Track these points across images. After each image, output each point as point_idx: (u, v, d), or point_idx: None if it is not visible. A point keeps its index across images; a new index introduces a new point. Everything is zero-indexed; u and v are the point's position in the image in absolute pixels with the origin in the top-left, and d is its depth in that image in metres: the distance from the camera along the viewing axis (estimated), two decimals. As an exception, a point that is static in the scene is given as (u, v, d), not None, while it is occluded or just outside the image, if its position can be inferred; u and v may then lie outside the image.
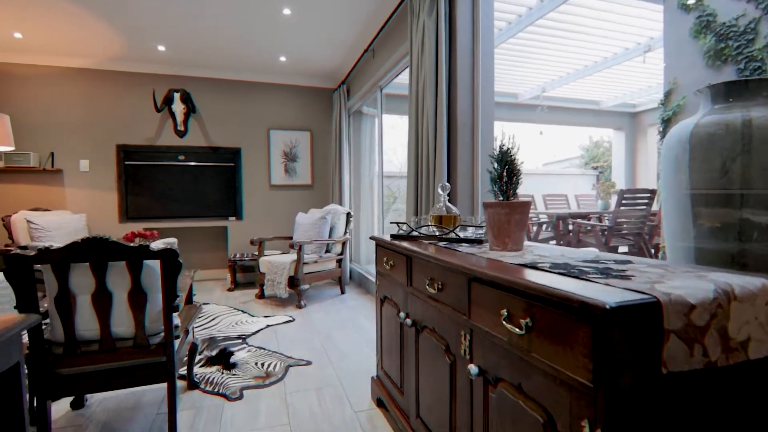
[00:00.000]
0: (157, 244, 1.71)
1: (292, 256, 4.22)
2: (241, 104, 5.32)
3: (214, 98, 5.22)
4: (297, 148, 5.54)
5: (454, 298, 1.30)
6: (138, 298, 1.68)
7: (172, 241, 1.75)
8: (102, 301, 1.64)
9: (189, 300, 2.29)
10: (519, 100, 7.05)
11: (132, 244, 1.60)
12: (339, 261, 4.57)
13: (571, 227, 5.11)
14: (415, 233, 1.89)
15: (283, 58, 4.77)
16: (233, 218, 5.32)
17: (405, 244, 1.73)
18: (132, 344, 1.72)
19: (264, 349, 2.92)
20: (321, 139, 5.67)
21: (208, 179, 5.22)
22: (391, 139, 7.08)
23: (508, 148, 1.44)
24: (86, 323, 1.67)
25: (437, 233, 1.83)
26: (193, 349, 2.30)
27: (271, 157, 5.43)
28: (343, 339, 3.14)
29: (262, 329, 3.39)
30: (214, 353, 2.74)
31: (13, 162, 4.46)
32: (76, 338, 1.66)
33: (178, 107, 4.93)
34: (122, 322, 1.71)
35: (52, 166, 4.71)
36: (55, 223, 4.23)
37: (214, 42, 4.29)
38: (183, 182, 5.13)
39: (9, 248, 4.05)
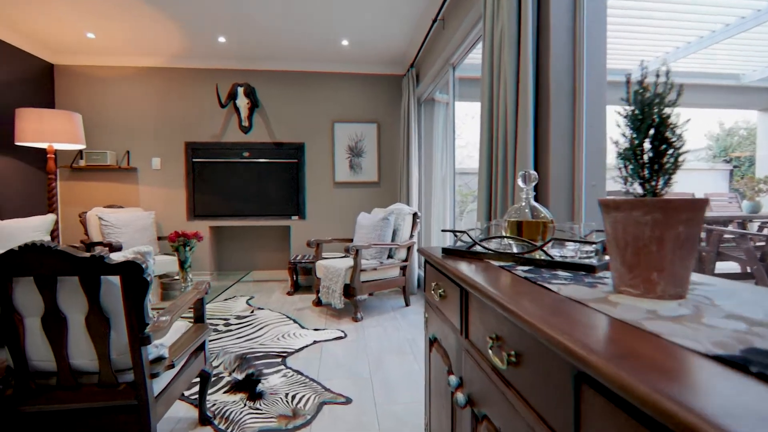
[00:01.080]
0: (123, 254, 1.29)
1: (350, 261, 3.74)
2: (305, 97, 5.01)
3: (278, 92, 4.97)
4: (363, 142, 5.08)
5: (541, 397, 0.65)
6: (98, 324, 1.27)
7: (145, 250, 1.32)
8: (54, 325, 1.26)
9: (201, 319, 1.89)
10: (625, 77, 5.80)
11: (83, 254, 1.19)
12: (403, 268, 4.00)
13: (704, 238, 3.93)
14: (478, 248, 1.24)
15: (345, 42, 4.33)
16: (296, 217, 5.03)
17: (461, 265, 1.10)
18: (98, 381, 1.33)
19: (301, 374, 2.46)
20: (389, 131, 5.14)
21: (271, 177, 5.00)
22: (469, 131, 6.32)
23: (658, 95, 0.73)
24: (40, 352, 1.30)
25: (515, 250, 1.16)
26: (205, 378, 1.89)
27: (335, 152, 5.04)
28: (397, 368, 2.55)
29: (307, 346, 2.95)
30: (242, 377, 2.34)
31: (92, 160, 4.63)
32: (28, 369, 1.30)
33: (242, 102, 4.76)
34: (84, 353, 1.32)
35: (128, 164, 4.83)
36: (124, 220, 4.27)
37: (273, 27, 3.99)
38: (247, 180, 4.97)
39: (84, 243, 4.17)
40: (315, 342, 3.03)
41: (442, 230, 1.44)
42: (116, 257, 1.26)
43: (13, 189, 4.13)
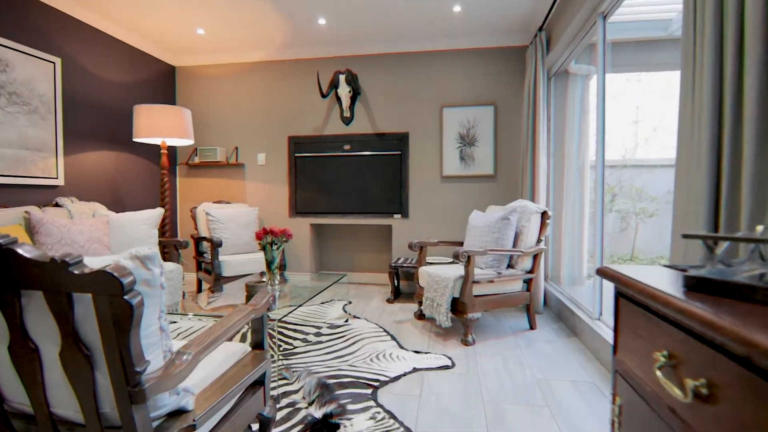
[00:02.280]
0: (113, 258, 0.83)
1: (460, 269, 3.06)
2: (409, 81, 4.46)
3: (380, 77, 4.51)
4: (476, 129, 4.34)
5: None
6: (76, 363, 0.83)
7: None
8: (24, 359, 0.86)
9: (260, 344, 1.42)
10: None
11: (41, 257, 0.75)
12: (528, 282, 3.18)
13: None
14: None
15: (457, 8, 3.65)
16: (398, 216, 4.51)
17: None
18: (88, 442, 0.90)
19: (394, 418, 1.87)
20: (508, 115, 4.31)
21: (372, 171, 4.56)
22: (611, 113, 5.10)
23: None
24: (15, 390, 0.92)
25: None
26: (265, 424, 1.42)
27: (443, 141, 4.39)
28: (527, 429, 1.80)
29: (406, 374, 2.36)
30: (320, 414, 1.84)
31: (205, 157, 4.73)
32: (3, 410, 0.93)
33: (344, 90, 4.40)
34: (67, 401, 0.90)
35: (236, 160, 4.84)
36: (229, 216, 4.22)
37: (375, 2, 3.51)
38: (347, 174, 4.61)
39: (193, 238, 4.21)
40: (415, 370, 2.42)
41: (684, 236, 0.69)
42: (103, 262, 0.81)
43: (134, 184, 4.36)
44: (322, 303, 3.92)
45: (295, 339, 2.92)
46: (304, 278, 3.54)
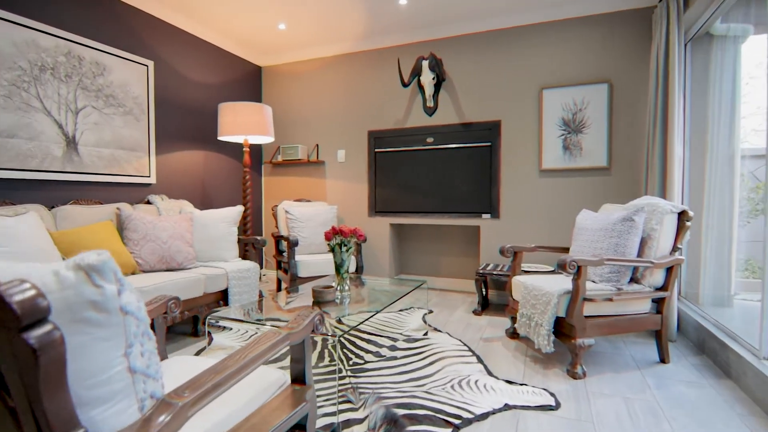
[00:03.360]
0: (33, 269, 0.55)
1: (566, 282, 2.49)
2: (502, 61, 3.90)
3: (467, 60, 4.03)
4: (584, 113, 3.64)
5: None
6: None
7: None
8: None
9: (300, 378, 1.10)
10: None
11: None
12: (658, 301, 2.48)
13: None
14: None
15: (563, -34, 3.04)
16: (487, 216, 3.99)
17: None
18: None
19: (480, 478, 1.43)
20: (627, 94, 3.54)
21: (457, 165, 4.10)
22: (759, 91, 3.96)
23: None
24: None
25: None
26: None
27: (543, 129, 3.77)
28: None
29: (495, 411, 1.90)
30: (384, 461, 1.47)
31: (287, 155, 4.69)
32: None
33: (427, 78, 4.01)
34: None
35: (317, 157, 4.73)
36: (307, 214, 4.09)
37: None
38: (430, 170, 4.21)
39: (273, 236, 4.17)
40: (507, 407, 1.94)
41: None
42: (15, 273, 0.53)
43: (221, 182, 4.45)
44: (400, 311, 3.57)
45: (367, 352, 2.60)
46: (383, 282, 3.23)
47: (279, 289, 4.10)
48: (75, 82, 3.00)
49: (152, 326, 1.29)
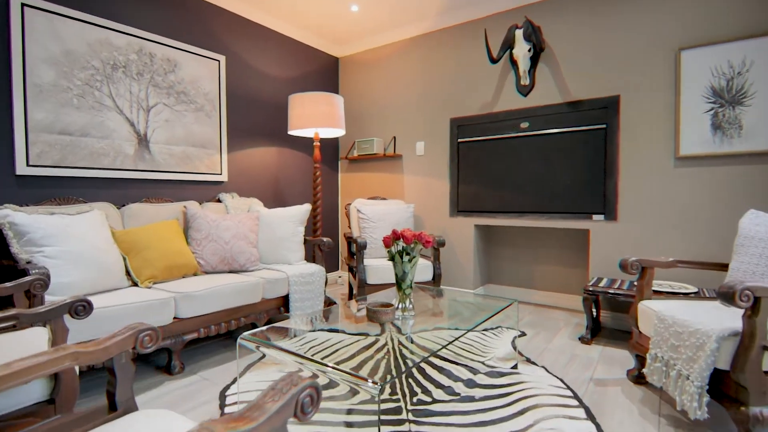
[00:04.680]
0: None
1: (729, 317, 1.70)
2: (618, 20, 3.06)
3: (571, 24, 3.25)
4: (746, 77, 2.65)
5: None
6: None
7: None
8: None
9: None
10: None
11: None
12: None
13: None
14: None
15: None
16: (599, 217, 3.18)
17: None
18: None
19: None
20: (821, 44, 2.47)
21: (561, 154, 3.34)
22: None
23: None
24: None
25: None
26: None
27: (680, 103, 2.85)
28: None
29: None
30: None
31: (362, 150, 4.35)
32: None
33: (521, 50, 3.33)
34: None
35: (394, 151, 4.32)
36: (380, 213, 3.70)
37: None
38: (525, 161, 3.51)
39: (345, 237, 3.85)
40: (637, 507, 1.29)
41: None
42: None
43: (294, 180, 4.26)
44: (485, 330, 2.99)
45: (438, 385, 2.10)
46: (465, 294, 2.69)
47: (350, 296, 3.78)
48: (146, 80, 2.98)
49: (111, 370, 0.96)
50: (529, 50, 3.31)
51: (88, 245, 2.22)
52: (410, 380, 2.14)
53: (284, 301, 2.91)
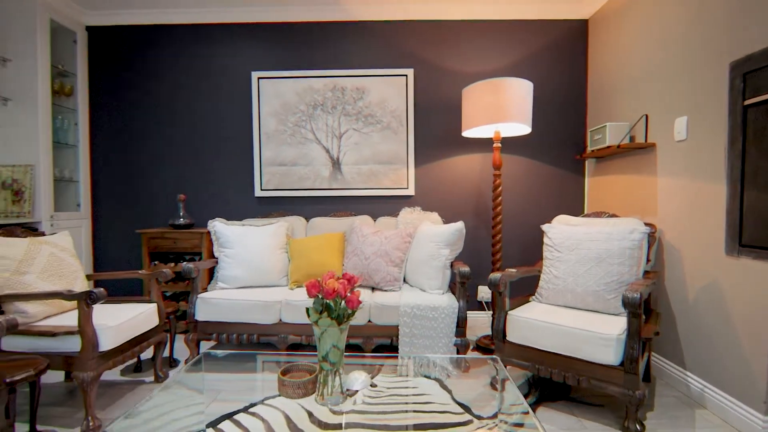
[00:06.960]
0: None
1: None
2: None
3: None
4: None
5: None
6: None
7: None
8: None
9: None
10: None
11: None
12: None
13: None
14: None
15: None
16: None
17: None
18: None
19: None
20: None
21: None
22: None
23: None
24: None
25: None
26: None
27: None
28: None
29: None
30: None
31: (593, 143, 3.00)
32: None
33: None
34: None
35: (645, 138, 2.69)
36: (575, 238, 2.47)
37: None
38: None
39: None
40: None
41: None
42: None
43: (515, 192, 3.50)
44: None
45: None
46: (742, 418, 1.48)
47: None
48: (339, 111, 3.47)
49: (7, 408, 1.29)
50: None
51: (255, 250, 2.94)
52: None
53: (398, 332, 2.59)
